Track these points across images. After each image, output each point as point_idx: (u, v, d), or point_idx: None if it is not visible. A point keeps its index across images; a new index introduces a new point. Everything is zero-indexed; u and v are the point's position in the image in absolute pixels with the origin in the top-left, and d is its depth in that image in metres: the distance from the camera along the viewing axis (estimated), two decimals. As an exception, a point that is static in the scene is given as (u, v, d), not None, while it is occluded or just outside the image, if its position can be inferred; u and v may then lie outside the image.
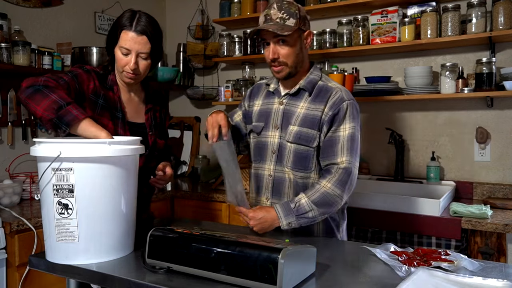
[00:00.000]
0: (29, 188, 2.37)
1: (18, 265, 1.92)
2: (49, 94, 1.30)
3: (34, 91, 1.31)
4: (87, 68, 1.54)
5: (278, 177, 1.59)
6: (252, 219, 1.49)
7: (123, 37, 1.49)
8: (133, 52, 1.49)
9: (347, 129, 1.52)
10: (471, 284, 1.05)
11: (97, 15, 3.06)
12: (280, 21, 1.50)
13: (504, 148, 2.45)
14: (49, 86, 1.33)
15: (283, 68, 1.55)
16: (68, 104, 1.29)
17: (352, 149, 1.51)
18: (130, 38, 1.48)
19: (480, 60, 2.32)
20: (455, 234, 1.97)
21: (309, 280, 1.12)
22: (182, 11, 3.53)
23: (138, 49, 1.49)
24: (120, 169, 1.27)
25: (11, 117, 2.49)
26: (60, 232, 1.23)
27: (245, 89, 3.05)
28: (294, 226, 1.48)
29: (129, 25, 1.48)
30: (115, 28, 1.52)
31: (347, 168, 1.48)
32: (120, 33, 1.49)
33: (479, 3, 2.28)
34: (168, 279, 1.12)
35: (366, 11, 2.69)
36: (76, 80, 1.47)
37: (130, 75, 1.52)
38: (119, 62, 1.52)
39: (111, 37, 1.54)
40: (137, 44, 1.48)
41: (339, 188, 1.47)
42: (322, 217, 1.50)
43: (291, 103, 1.60)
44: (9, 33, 2.45)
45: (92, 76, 1.53)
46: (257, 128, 1.66)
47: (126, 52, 1.49)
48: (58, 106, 1.28)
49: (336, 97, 1.54)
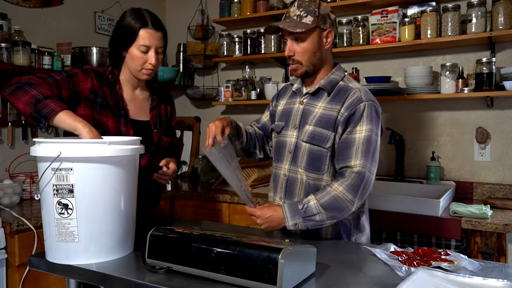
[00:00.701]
0: (29, 188, 2.37)
1: (18, 265, 1.92)
2: (29, 90, 1.34)
3: (16, 88, 1.35)
4: (86, 68, 1.55)
5: (292, 177, 1.57)
6: (259, 217, 1.47)
7: (142, 35, 1.50)
8: (153, 48, 1.52)
9: (364, 131, 1.46)
10: (471, 284, 1.05)
11: (97, 15, 3.06)
12: (296, 18, 1.49)
13: (504, 148, 2.45)
14: (32, 83, 1.37)
15: (298, 67, 1.53)
16: (46, 98, 1.32)
17: (368, 153, 1.44)
18: (149, 35, 1.51)
19: (480, 60, 2.32)
20: (455, 234, 1.97)
21: (309, 280, 1.12)
22: (182, 11, 3.53)
23: (156, 44, 1.53)
24: (120, 169, 1.27)
25: (11, 117, 2.49)
26: (60, 232, 1.23)
27: (245, 89, 3.05)
28: (301, 228, 1.44)
29: (145, 23, 1.51)
30: (130, 29, 1.51)
31: (360, 172, 1.42)
32: (138, 32, 1.50)
33: (479, 3, 2.28)
34: (168, 279, 1.12)
35: (366, 11, 2.69)
36: (71, 80, 1.49)
37: (150, 71, 1.56)
38: (138, 60, 1.53)
39: (124, 39, 1.53)
40: (156, 40, 1.52)
41: (350, 193, 1.42)
42: (331, 221, 1.45)
43: (310, 102, 1.58)
44: (9, 33, 2.45)
45: (90, 75, 1.54)
46: (277, 128, 1.66)
47: (145, 50, 1.52)
48: (36, 100, 1.31)
49: (354, 97, 1.49)
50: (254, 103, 3.01)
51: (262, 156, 1.79)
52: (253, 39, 3.04)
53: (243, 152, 1.73)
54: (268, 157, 1.81)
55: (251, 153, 1.76)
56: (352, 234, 1.57)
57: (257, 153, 1.77)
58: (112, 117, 1.55)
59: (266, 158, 1.81)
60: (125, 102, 1.61)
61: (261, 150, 1.78)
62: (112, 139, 1.27)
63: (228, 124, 1.55)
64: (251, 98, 3.01)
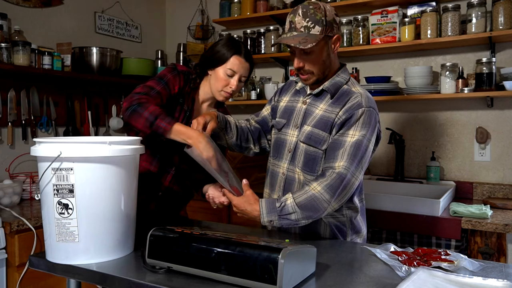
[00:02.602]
0: (29, 188, 2.37)
1: (18, 265, 1.93)
2: (141, 112, 1.50)
3: (131, 112, 1.52)
4: (178, 70, 1.70)
5: (290, 177, 1.57)
6: (234, 206, 1.50)
7: (233, 61, 1.65)
8: (237, 75, 1.67)
9: (356, 135, 1.43)
10: (471, 284, 1.05)
11: (97, 15, 3.06)
12: (304, 30, 1.44)
13: (504, 148, 2.45)
14: (142, 103, 1.52)
15: (309, 77, 1.52)
16: (156, 119, 1.49)
17: (354, 156, 1.41)
18: (239, 62, 1.66)
19: (480, 60, 2.32)
20: (455, 234, 1.97)
21: (309, 280, 1.12)
22: (182, 11, 3.53)
23: (242, 73, 1.68)
24: (120, 169, 1.27)
25: (11, 117, 2.49)
26: (60, 232, 1.23)
27: (245, 89, 3.05)
28: (276, 225, 1.44)
29: (240, 52, 1.66)
30: (224, 52, 1.66)
31: (341, 174, 1.39)
32: (231, 57, 1.65)
33: (479, 3, 2.28)
34: (168, 279, 1.12)
35: (366, 11, 2.69)
36: (168, 87, 1.66)
37: (228, 95, 1.69)
38: (221, 82, 1.67)
39: (216, 59, 1.67)
40: (243, 69, 1.67)
41: (328, 193, 1.38)
42: (306, 221, 1.43)
43: (313, 103, 1.57)
44: (9, 33, 2.46)
45: (180, 77, 1.69)
46: (278, 124, 1.65)
47: (231, 74, 1.66)
48: (150, 124, 1.49)
49: (354, 102, 1.47)
50: (254, 103, 3.01)
51: (258, 151, 1.76)
52: (253, 39, 3.04)
53: (236, 147, 1.71)
54: (264, 152, 1.79)
55: (245, 147, 1.73)
56: (348, 235, 1.57)
57: (252, 147, 1.74)
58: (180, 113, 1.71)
59: (262, 152, 1.78)
60: (193, 113, 1.75)
61: (256, 144, 1.75)
62: (112, 139, 1.27)
63: (213, 118, 1.53)
64: (251, 98, 3.01)
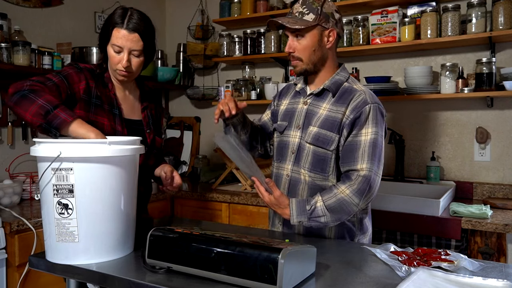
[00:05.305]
0: (29, 188, 2.37)
1: (18, 265, 1.92)
2: (35, 99, 1.29)
3: (21, 97, 1.30)
4: (80, 67, 1.52)
5: (295, 178, 1.58)
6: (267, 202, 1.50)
7: (114, 35, 1.47)
8: (126, 50, 1.48)
9: (369, 134, 1.46)
10: (471, 284, 1.05)
11: (97, 15, 3.06)
12: (298, 15, 1.50)
13: (504, 148, 2.45)
14: (35, 90, 1.32)
15: (298, 63, 1.54)
16: (55, 108, 1.28)
17: (374, 156, 1.45)
18: (122, 35, 1.46)
19: (480, 60, 2.32)
20: (455, 234, 1.97)
21: (309, 280, 1.12)
22: (182, 11, 3.53)
23: (130, 46, 1.48)
24: (120, 169, 1.27)
25: (11, 117, 2.49)
26: (60, 232, 1.23)
27: (245, 89, 3.05)
28: (304, 225, 1.48)
29: (120, 23, 1.47)
30: (107, 25, 1.50)
31: (367, 176, 1.43)
32: (112, 30, 1.48)
33: (479, 3, 2.28)
34: (168, 279, 1.12)
35: (366, 11, 2.69)
36: (67, 81, 1.45)
37: (123, 73, 1.52)
38: (112, 60, 1.51)
39: (103, 35, 1.53)
40: (129, 42, 1.47)
41: (357, 197, 1.43)
42: (335, 223, 1.48)
43: (315, 103, 1.58)
44: (9, 33, 2.45)
45: (84, 74, 1.51)
46: (280, 127, 1.65)
47: (118, 50, 1.48)
48: (46, 111, 1.27)
49: (359, 99, 1.49)
50: (254, 103, 3.01)
51: (263, 153, 1.78)
52: (253, 39, 3.04)
53: (246, 145, 1.70)
54: (268, 155, 1.81)
55: (253, 146, 1.74)
56: (356, 235, 1.58)
57: (258, 148, 1.76)
58: (107, 116, 1.53)
59: (266, 155, 1.80)
60: (119, 101, 1.59)
61: (262, 146, 1.77)
62: (113, 139, 1.27)
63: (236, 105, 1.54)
64: (251, 98, 3.01)
